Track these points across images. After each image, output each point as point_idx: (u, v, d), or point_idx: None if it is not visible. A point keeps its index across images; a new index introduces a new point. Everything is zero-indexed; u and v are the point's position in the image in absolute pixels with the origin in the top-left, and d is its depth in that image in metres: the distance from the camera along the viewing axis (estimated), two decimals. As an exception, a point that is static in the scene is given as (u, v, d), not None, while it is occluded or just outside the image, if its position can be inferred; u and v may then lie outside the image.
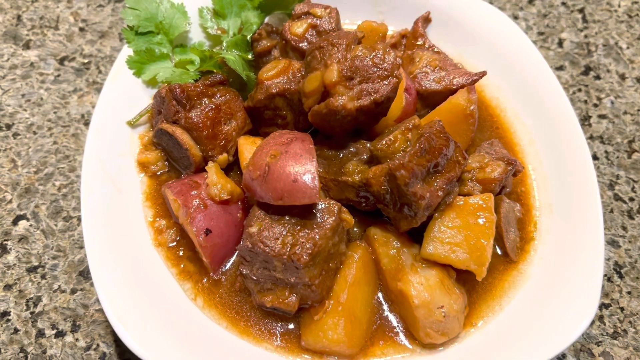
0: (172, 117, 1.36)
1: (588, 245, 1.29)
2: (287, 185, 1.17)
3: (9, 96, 1.67)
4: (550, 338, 1.19)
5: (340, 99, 1.24)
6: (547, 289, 1.29)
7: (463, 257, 1.22)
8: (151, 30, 1.51)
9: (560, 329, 1.19)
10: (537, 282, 1.31)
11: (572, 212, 1.37)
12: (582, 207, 1.36)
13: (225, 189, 1.29)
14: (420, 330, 1.20)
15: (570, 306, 1.22)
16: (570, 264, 1.29)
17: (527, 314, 1.26)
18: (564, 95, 1.50)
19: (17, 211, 1.48)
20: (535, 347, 1.18)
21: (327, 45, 1.30)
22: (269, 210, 1.23)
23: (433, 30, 1.69)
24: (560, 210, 1.40)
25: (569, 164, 1.42)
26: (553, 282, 1.29)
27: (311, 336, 1.20)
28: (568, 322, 1.19)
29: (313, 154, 1.22)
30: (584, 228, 1.32)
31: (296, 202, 1.17)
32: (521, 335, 1.22)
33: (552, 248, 1.35)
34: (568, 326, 1.19)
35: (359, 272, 1.25)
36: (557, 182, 1.43)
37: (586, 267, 1.26)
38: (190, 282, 1.30)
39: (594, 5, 2.03)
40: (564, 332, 1.18)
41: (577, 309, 1.21)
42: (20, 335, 1.32)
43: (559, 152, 1.45)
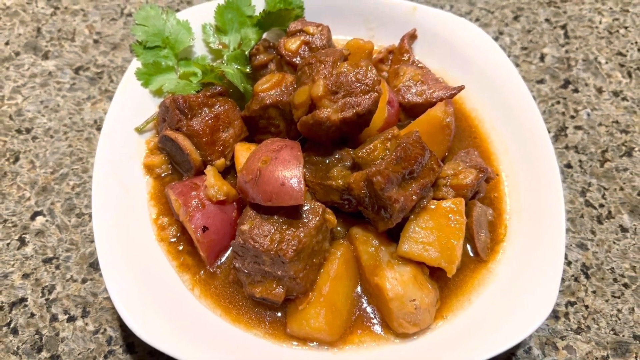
0: (175, 125, 1.50)
1: (550, 247, 1.41)
2: (276, 188, 1.30)
3: (29, 102, 1.83)
4: (513, 329, 1.30)
5: (325, 112, 1.37)
6: (512, 286, 1.41)
7: (435, 256, 1.35)
8: (158, 44, 1.65)
9: (522, 321, 1.31)
10: (504, 279, 1.44)
11: (539, 217, 1.49)
12: (548, 212, 1.47)
13: (222, 190, 1.43)
14: (394, 320, 1.33)
15: (532, 301, 1.34)
16: (534, 263, 1.41)
17: (493, 308, 1.38)
18: (536, 109, 1.62)
19: (35, 208, 1.63)
20: (499, 336, 1.30)
21: (315, 62, 1.44)
22: (259, 210, 1.36)
23: (419, 46, 1.82)
24: (529, 215, 1.52)
25: (538, 173, 1.54)
26: (518, 280, 1.41)
27: (295, 324, 1.33)
28: (528, 315, 1.31)
29: (300, 160, 1.35)
30: (549, 231, 1.44)
31: (283, 203, 1.30)
32: (487, 326, 1.34)
33: (519, 249, 1.47)
34: (529, 319, 1.31)
35: (340, 268, 1.38)
36: (527, 189, 1.55)
37: (548, 267, 1.38)
38: (188, 274, 1.43)
39: (576, 21, 2.15)
40: (525, 324, 1.30)
41: (537, 304, 1.33)
42: (36, 319, 1.46)
43: (530, 161, 1.57)
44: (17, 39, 1.97)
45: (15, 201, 1.64)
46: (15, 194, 1.65)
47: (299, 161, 1.35)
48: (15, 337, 1.44)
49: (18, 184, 1.67)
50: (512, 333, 1.30)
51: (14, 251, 1.56)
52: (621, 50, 2.06)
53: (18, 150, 1.73)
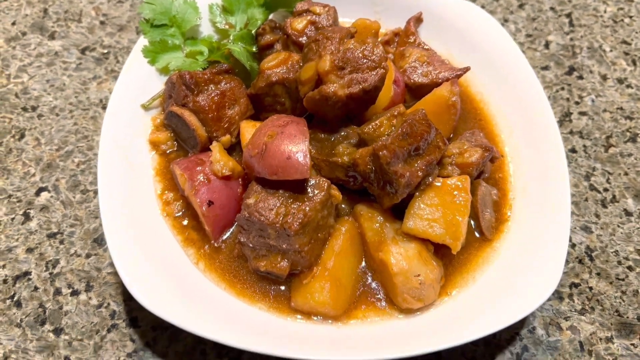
0: (181, 101, 1.50)
1: (556, 227, 1.41)
2: (282, 162, 1.30)
3: (35, 81, 1.83)
4: (516, 306, 1.30)
5: (331, 87, 1.37)
6: (517, 264, 1.41)
7: (440, 232, 1.35)
8: (165, 23, 1.65)
9: (526, 299, 1.31)
10: (509, 258, 1.44)
11: (544, 198, 1.49)
12: (554, 193, 1.47)
13: (227, 165, 1.43)
14: (399, 295, 1.33)
15: (536, 280, 1.34)
16: (538, 243, 1.41)
17: (497, 286, 1.38)
18: (542, 92, 1.62)
19: (40, 184, 1.63)
20: (502, 313, 1.30)
21: (322, 39, 1.44)
22: (265, 185, 1.36)
23: (424, 29, 1.82)
24: (534, 195, 1.52)
25: (543, 155, 1.54)
26: (523, 259, 1.41)
27: (300, 298, 1.33)
28: (532, 293, 1.31)
29: (306, 135, 1.35)
30: (554, 212, 1.44)
31: (289, 177, 1.30)
32: (491, 303, 1.34)
33: (524, 229, 1.47)
34: (531, 297, 1.31)
35: (345, 243, 1.38)
36: (532, 171, 1.55)
37: (552, 246, 1.38)
38: (193, 248, 1.44)
39: (581, 10, 2.15)
40: (529, 301, 1.30)
41: (541, 283, 1.33)
42: (39, 293, 1.46)
43: (535, 143, 1.57)
44: (23, 19, 1.97)
45: (20, 177, 1.64)
46: (21, 170, 1.65)
47: (305, 136, 1.35)
48: (18, 309, 1.43)
49: (23, 161, 1.67)
50: (516, 310, 1.30)
51: (19, 226, 1.56)
52: (626, 39, 2.06)
53: (24, 128, 1.73)
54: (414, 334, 1.32)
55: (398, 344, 1.27)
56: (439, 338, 1.27)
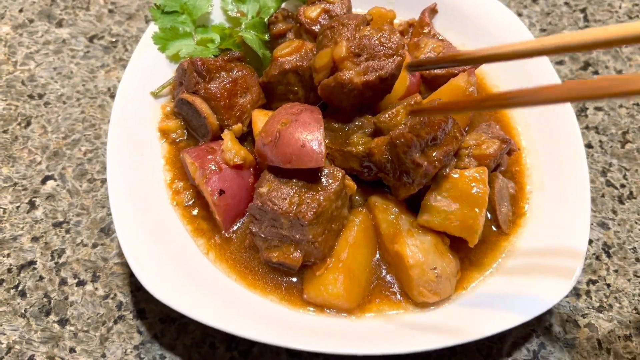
0: (192, 88, 1.47)
1: (575, 223, 1.37)
2: (296, 150, 1.27)
3: (42, 69, 1.80)
4: (533, 302, 1.27)
5: (347, 73, 1.34)
6: (534, 259, 1.37)
7: (457, 224, 1.31)
8: (176, 10, 1.62)
9: (542, 295, 1.27)
10: (526, 253, 1.40)
11: (562, 192, 1.45)
12: (572, 188, 1.44)
13: (239, 154, 1.40)
14: (414, 289, 1.29)
15: (554, 275, 1.31)
16: (558, 237, 1.38)
17: (514, 281, 1.35)
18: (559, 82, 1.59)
19: (46, 172, 1.60)
20: (518, 309, 1.26)
21: (338, 25, 1.41)
22: (278, 174, 1.33)
23: (439, 20, 1.79)
24: (551, 190, 1.48)
25: (561, 148, 1.51)
26: (540, 254, 1.38)
27: (313, 290, 1.30)
28: (550, 289, 1.28)
29: (321, 123, 1.32)
30: (573, 206, 1.41)
31: (303, 165, 1.27)
32: (508, 299, 1.31)
33: (542, 223, 1.44)
34: (549, 293, 1.27)
35: (359, 235, 1.35)
36: (549, 164, 1.52)
37: (572, 241, 1.35)
38: (203, 238, 1.40)
39: (596, 5, 2.12)
40: (545, 298, 1.27)
41: (559, 279, 1.29)
42: (44, 283, 1.43)
43: (553, 137, 1.54)
44: (31, 6, 1.94)
45: (26, 165, 1.61)
46: (26, 157, 1.62)
47: (320, 124, 1.31)
48: (23, 299, 1.40)
49: (29, 148, 1.64)
50: (532, 307, 1.26)
51: (24, 214, 1.52)
52: (642, 35, 2.03)
53: (30, 115, 1.70)
54: (429, 329, 1.28)
55: (413, 338, 1.24)
56: (454, 333, 1.24)
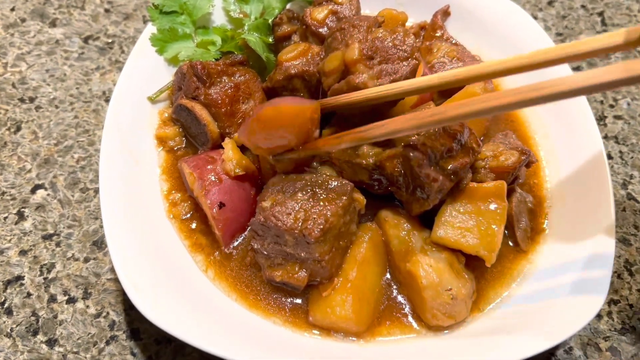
0: (192, 93, 1.38)
1: (598, 240, 1.29)
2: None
3: (34, 71, 1.71)
4: (554, 328, 1.18)
5: (360, 77, 1.25)
6: (555, 279, 1.28)
7: (473, 242, 1.23)
8: (175, 10, 1.54)
9: (566, 319, 1.18)
10: (546, 272, 1.31)
11: (583, 207, 1.37)
12: (594, 202, 1.35)
13: (241, 164, 1.31)
14: (427, 311, 1.21)
15: (577, 297, 1.22)
16: (580, 256, 1.29)
17: (533, 303, 1.26)
18: (581, 92, 1.50)
19: (36, 180, 1.51)
20: (539, 334, 1.17)
21: (348, 27, 1.32)
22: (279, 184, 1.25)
23: (452, 23, 1.70)
24: (572, 203, 1.40)
25: (582, 160, 1.43)
26: (562, 273, 1.29)
27: (319, 312, 1.21)
28: (574, 313, 1.19)
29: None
30: (596, 222, 1.32)
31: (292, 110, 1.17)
32: (527, 322, 1.22)
33: (563, 240, 1.35)
34: (573, 317, 1.18)
35: (368, 252, 1.26)
36: (570, 177, 1.43)
37: (595, 260, 1.26)
38: (202, 254, 1.31)
39: (614, 9, 2.03)
40: (569, 322, 1.17)
41: (583, 301, 1.20)
42: (32, 300, 1.34)
43: (573, 148, 1.45)
44: (23, 5, 1.86)
45: (15, 173, 1.52)
46: (16, 165, 1.53)
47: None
48: (9, 318, 1.31)
49: (19, 155, 1.55)
50: (553, 332, 1.17)
51: (12, 226, 1.44)
52: (661, 40, 1.94)
53: (20, 120, 1.61)
54: (443, 354, 1.19)
55: (426, 364, 1.15)
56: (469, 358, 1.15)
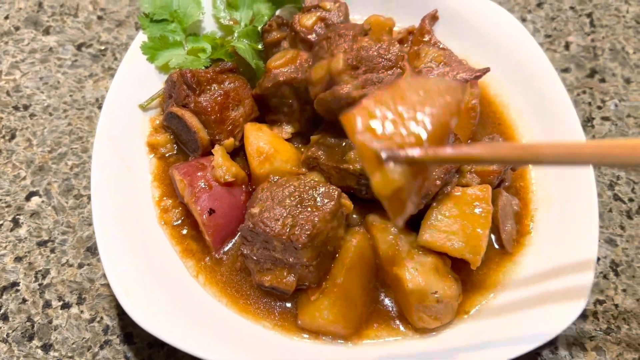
0: (182, 101, 1.40)
1: (582, 241, 1.31)
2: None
3: (28, 79, 1.73)
4: (539, 328, 1.21)
5: (345, 87, 1.28)
6: (540, 281, 1.31)
7: (458, 246, 1.25)
8: (166, 18, 1.55)
9: (550, 319, 1.21)
10: (531, 274, 1.34)
11: (568, 209, 1.39)
12: (579, 204, 1.38)
13: (230, 171, 1.33)
14: (414, 314, 1.23)
15: (561, 298, 1.24)
16: (564, 257, 1.32)
17: (519, 304, 1.28)
18: (567, 96, 1.52)
19: (31, 188, 1.54)
20: (524, 335, 1.20)
21: (334, 36, 1.34)
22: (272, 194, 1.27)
23: (440, 27, 1.72)
24: (557, 207, 1.42)
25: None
26: (547, 275, 1.31)
27: (308, 316, 1.24)
28: (558, 313, 1.22)
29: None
30: (580, 224, 1.35)
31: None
32: (512, 324, 1.25)
33: (548, 242, 1.37)
34: (557, 317, 1.21)
35: (356, 257, 1.29)
36: (555, 179, 1.45)
37: (579, 261, 1.29)
38: (192, 260, 1.34)
39: (602, 10, 2.05)
40: (553, 323, 1.20)
41: (567, 302, 1.23)
42: (28, 305, 1.37)
43: (558, 149, 1.47)
44: (17, 13, 1.88)
45: (9, 180, 1.54)
46: (10, 172, 1.56)
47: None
48: (5, 323, 1.34)
49: (13, 163, 1.57)
50: (539, 333, 1.20)
51: (7, 233, 1.46)
52: (650, 41, 1.97)
53: (14, 128, 1.63)
54: (429, 356, 1.22)
55: (413, 366, 1.18)
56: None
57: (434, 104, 0.83)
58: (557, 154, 0.81)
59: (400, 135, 0.81)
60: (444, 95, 0.83)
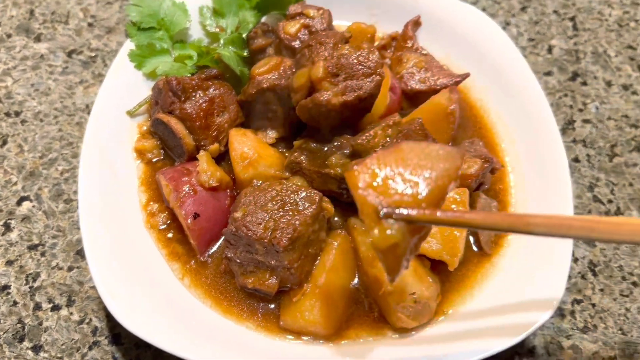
0: (168, 108, 1.44)
1: (558, 242, 1.35)
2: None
3: (19, 85, 1.77)
4: (516, 326, 1.24)
5: (325, 94, 1.31)
6: (517, 281, 1.35)
7: (436, 248, 1.29)
8: (153, 26, 1.59)
9: (526, 318, 1.25)
10: (508, 274, 1.37)
11: (545, 211, 1.42)
12: (556, 206, 1.41)
13: (215, 176, 1.37)
14: (392, 314, 1.27)
15: (537, 297, 1.28)
16: (540, 258, 1.35)
17: (496, 304, 1.32)
18: (545, 100, 1.56)
19: (22, 193, 1.57)
20: (500, 334, 1.24)
21: (316, 44, 1.38)
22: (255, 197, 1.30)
23: (423, 33, 1.75)
24: (535, 208, 1.45)
25: (546, 166, 1.48)
26: (523, 275, 1.35)
27: (289, 317, 1.27)
28: (533, 311, 1.26)
29: None
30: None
31: None
32: (490, 322, 1.28)
33: (525, 244, 1.41)
34: (533, 315, 1.25)
35: (337, 259, 1.32)
36: (533, 182, 1.49)
37: (554, 261, 1.32)
38: (178, 262, 1.37)
39: (585, 14, 2.08)
40: (529, 320, 1.24)
41: (542, 300, 1.27)
42: (19, 308, 1.40)
43: (537, 154, 1.51)
44: (9, 20, 1.91)
45: (1, 186, 1.58)
46: (2, 178, 1.59)
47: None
48: (-4, 325, 1.38)
49: (5, 168, 1.61)
50: (515, 330, 1.24)
51: (-1, 237, 1.50)
52: (631, 44, 2.00)
53: (6, 134, 1.67)
54: (408, 355, 1.26)
55: (392, 365, 1.22)
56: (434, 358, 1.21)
57: (434, 168, 0.88)
58: (547, 225, 0.85)
59: (399, 195, 0.86)
60: (443, 161, 0.89)
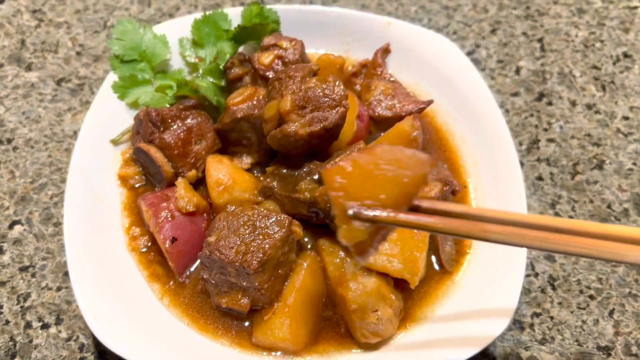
0: (148, 137, 1.53)
1: (512, 260, 1.44)
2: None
3: (11, 113, 1.87)
4: (473, 338, 1.33)
5: (292, 126, 1.41)
6: (475, 297, 1.44)
7: (398, 267, 1.38)
8: (135, 58, 1.69)
9: (483, 330, 1.34)
10: (468, 290, 1.46)
11: (505, 229, 1.52)
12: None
13: (192, 202, 1.46)
14: (357, 330, 1.36)
15: (493, 312, 1.37)
16: (496, 275, 1.44)
17: (456, 318, 1.41)
18: (503, 121, 1.65)
19: (13, 217, 1.67)
20: (459, 346, 1.33)
21: (285, 77, 1.47)
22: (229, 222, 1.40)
23: (394, 60, 1.85)
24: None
25: (503, 185, 1.57)
26: (481, 291, 1.44)
27: (260, 334, 1.36)
28: (489, 324, 1.35)
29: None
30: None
31: None
32: (449, 336, 1.37)
33: (484, 261, 1.50)
34: (489, 328, 1.34)
35: (306, 279, 1.41)
36: (493, 201, 1.58)
37: (509, 277, 1.41)
38: (158, 283, 1.47)
39: (553, 35, 2.18)
40: (486, 333, 1.33)
41: (498, 314, 1.36)
42: (10, 326, 1.50)
43: (496, 173, 1.60)
44: (1, 50, 2.01)
45: (-6, 210, 1.68)
46: (-5, 203, 1.69)
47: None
48: (-11, 344, 1.47)
49: (-3, 194, 1.71)
50: (476, 341, 1.33)
51: (-9, 260, 1.60)
52: (596, 64, 2.09)
53: (-1, 161, 1.77)
54: (373, 368, 1.35)
55: (356, 378, 1.31)
56: (397, 371, 1.31)
57: (403, 173, 0.94)
58: (502, 233, 0.93)
59: (368, 196, 0.93)
60: (413, 167, 0.95)
